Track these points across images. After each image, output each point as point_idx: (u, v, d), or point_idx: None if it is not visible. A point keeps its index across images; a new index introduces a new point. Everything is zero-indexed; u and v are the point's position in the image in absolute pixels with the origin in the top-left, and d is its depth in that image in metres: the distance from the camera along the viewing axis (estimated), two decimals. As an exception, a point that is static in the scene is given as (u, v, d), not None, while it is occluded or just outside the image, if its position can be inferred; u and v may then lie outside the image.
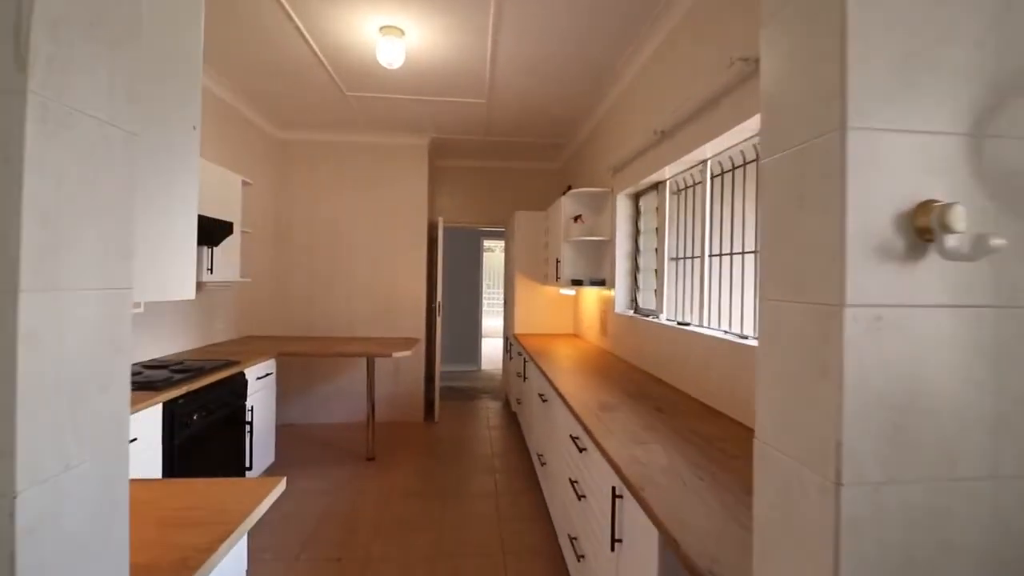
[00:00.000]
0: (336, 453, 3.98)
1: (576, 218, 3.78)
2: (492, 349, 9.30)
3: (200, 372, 2.60)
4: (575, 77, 3.43)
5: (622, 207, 3.49)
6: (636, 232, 3.47)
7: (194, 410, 2.42)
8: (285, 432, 4.44)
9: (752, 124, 1.95)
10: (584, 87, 3.59)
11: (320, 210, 4.86)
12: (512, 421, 4.89)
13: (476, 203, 5.78)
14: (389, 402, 4.88)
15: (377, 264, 4.91)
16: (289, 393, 4.80)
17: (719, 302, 2.41)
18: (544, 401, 2.89)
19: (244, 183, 3.51)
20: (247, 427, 2.96)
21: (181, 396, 2.32)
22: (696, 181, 2.69)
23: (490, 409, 5.39)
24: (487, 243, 8.24)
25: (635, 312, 3.39)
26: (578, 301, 4.70)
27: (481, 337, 7.91)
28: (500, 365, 7.89)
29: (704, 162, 2.49)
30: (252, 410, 3.03)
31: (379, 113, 4.25)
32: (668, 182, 2.97)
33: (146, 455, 2.08)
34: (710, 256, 2.49)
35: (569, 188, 4.02)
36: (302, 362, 4.76)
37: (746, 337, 2.02)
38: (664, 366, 2.68)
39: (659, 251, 3.06)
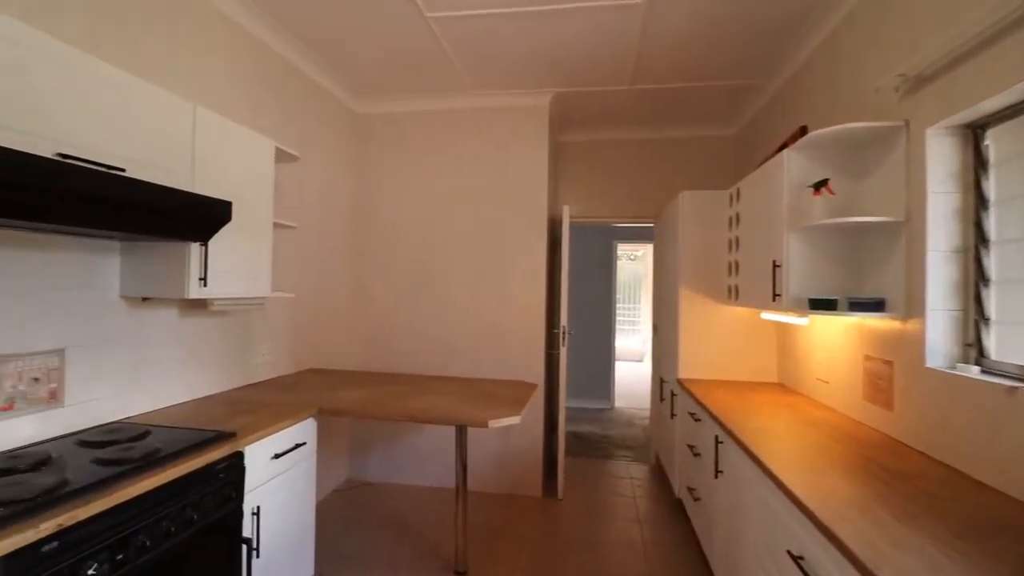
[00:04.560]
0: (412, 552, 2.68)
1: (818, 186, 2.05)
2: (625, 376, 7.59)
3: (148, 462, 1.43)
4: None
5: (937, 155, 1.72)
6: (978, 203, 1.68)
7: (92, 554, 1.22)
8: (353, 499, 3.27)
9: None
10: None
11: (406, 205, 3.70)
12: (674, 511, 3.22)
13: (610, 192, 4.24)
14: (496, 465, 3.53)
15: (481, 274, 3.60)
16: (366, 442, 3.67)
17: None
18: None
19: (282, 154, 2.39)
20: (244, 547, 1.75)
21: (53, 535, 1.14)
22: None
23: (635, 482, 3.76)
24: (619, 248, 6.62)
25: (983, 370, 1.60)
26: (791, 333, 2.90)
27: (614, 365, 6.25)
28: (638, 403, 6.18)
29: None
30: (258, 513, 1.83)
31: (476, 49, 2.93)
32: None
33: None
34: None
35: (803, 131, 2.32)
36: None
37: None
38: None
39: (1097, 236, 1.27)
